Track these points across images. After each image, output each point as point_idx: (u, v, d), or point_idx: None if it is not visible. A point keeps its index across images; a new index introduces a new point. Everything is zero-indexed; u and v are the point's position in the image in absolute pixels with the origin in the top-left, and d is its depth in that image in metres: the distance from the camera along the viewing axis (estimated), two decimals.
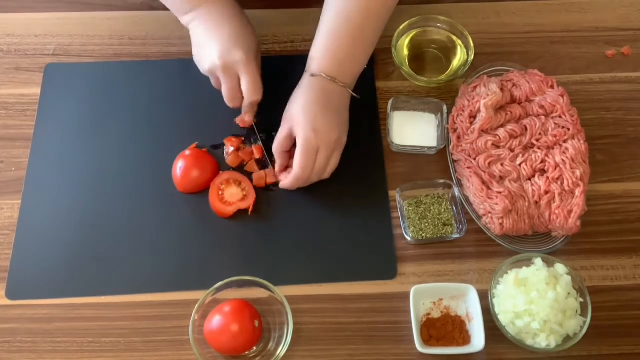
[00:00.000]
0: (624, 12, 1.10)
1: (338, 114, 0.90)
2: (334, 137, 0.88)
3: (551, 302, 0.80)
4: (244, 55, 0.88)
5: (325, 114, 0.88)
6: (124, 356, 0.84)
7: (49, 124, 0.99)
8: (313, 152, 0.87)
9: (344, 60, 0.89)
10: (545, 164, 0.90)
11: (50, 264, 0.89)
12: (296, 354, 0.84)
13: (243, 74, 0.89)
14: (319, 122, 0.87)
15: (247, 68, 0.88)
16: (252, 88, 0.89)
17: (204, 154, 0.95)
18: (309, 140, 0.86)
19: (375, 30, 0.91)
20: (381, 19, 0.91)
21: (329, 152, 0.88)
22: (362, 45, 0.90)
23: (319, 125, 0.87)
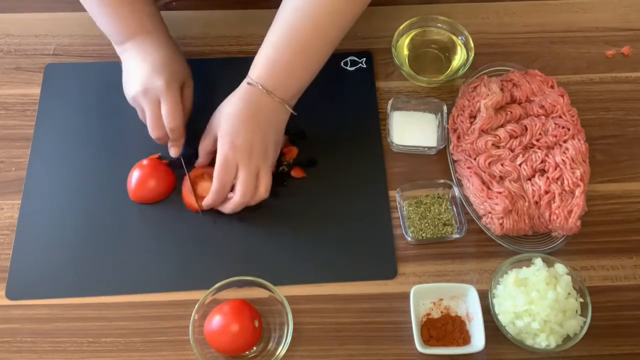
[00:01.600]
0: (624, 12, 1.10)
1: (266, 130, 0.86)
2: (254, 155, 0.85)
3: (551, 302, 0.80)
4: (164, 81, 0.86)
5: (250, 130, 0.85)
6: (123, 356, 0.84)
7: (49, 124, 0.99)
8: (231, 167, 0.85)
9: (283, 74, 0.86)
10: (545, 164, 0.90)
11: (50, 264, 0.89)
12: (296, 354, 0.84)
13: (163, 99, 0.87)
14: (241, 137, 0.84)
15: (167, 93, 0.86)
16: (171, 113, 0.87)
17: (160, 164, 0.94)
18: (226, 156, 0.85)
19: (322, 48, 0.87)
20: (328, 39, 0.87)
21: (251, 170, 0.85)
22: (305, 61, 0.86)
23: (239, 141, 0.84)
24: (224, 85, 0.92)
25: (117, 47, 0.93)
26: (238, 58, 1.04)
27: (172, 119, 0.87)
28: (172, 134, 0.89)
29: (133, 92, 0.89)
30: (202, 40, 1.06)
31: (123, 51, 0.92)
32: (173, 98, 0.87)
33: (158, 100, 0.88)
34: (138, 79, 0.88)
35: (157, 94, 0.87)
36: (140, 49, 0.90)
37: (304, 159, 0.96)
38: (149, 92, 0.87)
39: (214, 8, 1.10)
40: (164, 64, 0.89)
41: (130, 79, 0.90)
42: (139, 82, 0.88)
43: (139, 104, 0.89)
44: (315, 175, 0.95)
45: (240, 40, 1.06)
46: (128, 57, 0.92)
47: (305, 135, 0.97)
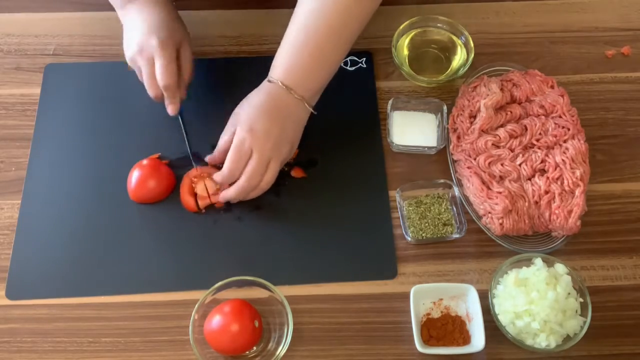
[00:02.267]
0: (624, 12, 1.10)
1: (284, 124, 0.88)
2: (269, 144, 0.86)
3: (551, 302, 0.80)
4: (159, 40, 0.88)
5: (269, 119, 0.86)
6: (123, 356, 0.84)
7: (49, 124, 0.99)
8: (244, 153, 0.86)
9: (300, 74, 0.87)
10: (545, 164, 0.90)
11: (50, 264, 0.89)
12: (296, 354, 0.84)
13: (156, 58, 0.89)
14: (259, 125, 0.85)
15: (161, 52, 0.88)
16: (163, 70, 0.88)
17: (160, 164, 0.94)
18: (242, 139, 0.85)
19: (337, 49, 0.89)
20: (343, 39, 0.88)
21: (263, 157, 0.86)
22: (321, 62, 0.88)
23: (257, 128, 0.85)
24: (225, 85, 0.93)
25: (119, 10, 0.95)
26: (238, 58, 1.04)
27: (164, 76, 0.88)
28: (166, 92, 0.90)
29: (130, 53, 0.91)
30: (202, 40, 1.06)
31: (124, 14, 0.94)
32: (166, 56, 0.88)
33: (153, 59, 0.89)
34: (135, 39, 0.90)
35: (152, 53, 0.89)
36: (139, 11, 0.92)
37: (304, 159, 0.96)
38: (144, 51, 0.89)
39: (214, 8, 1.10)
40: (160, 24, 0.91)
41: (129, 40, 0.92)
42: (135, 42, 0.90)
43: (136, 63, 0.91)
44: (315, 175, 0.95)
45: (240, 40, 1.06)
46: (128, 19, 0.93)
47: (306, 135, 0.97)
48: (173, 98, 0.92)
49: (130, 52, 0.91)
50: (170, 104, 0.92)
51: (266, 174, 0.88)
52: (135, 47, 0.90)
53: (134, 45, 0.90)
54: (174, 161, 0.96)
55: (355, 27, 0.89)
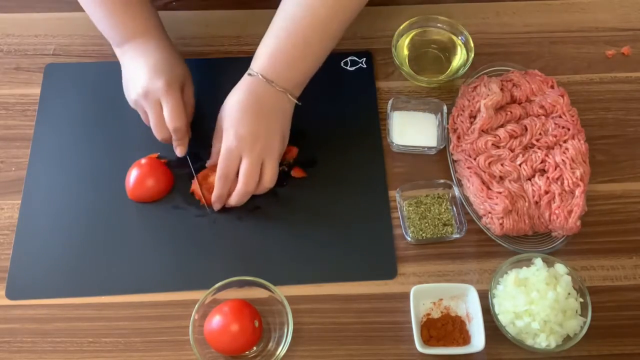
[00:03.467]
0: (624, 12, 1.10)
1: (270, 120, 0.87)
2: (259, 144, 0.85)
3: (551, 302, 0.80)
4: (164, 82, 0.87)
5: (253, 119, 0.85)
6: (123, 356, 0.84)
7: (49, 124, 0.99)
8: (234, 158, 0.85)
9: (283, 64, 0.86)
10: (545, 164, 0.90)
11: (50, 264, 0.89)
12: (296, 354, 0.84)
13: (164, 101, 0.87)
14: (244, 127, 0.85)
15: (167, 95, 0.87)
16: (172, 113, 0.87)
17: (158, 163, 0.94)
18: (229, 146, 0.85)
19: (322, 41, 0.87)
20: (329, 31, 0.87)
21: (254, 160, 0.86)
22: (305, 52, 0.87)
23: (243, 131, 0.85)
24: (225, 85, 0.92)
25: (116, 49, 0.94)
26: (238, 58, 1.04)
27: (174, 120, 0.88)
28: (176, 134, 0.89)
29: (134, 96, 0.89)
30: (202, 40, 1.06)
31: (122, 53, 0.93)
32: (174, 99, 0.88)
33: (160, 102, 0.88)
34: (138, 82, 0.88)
35: (158, 96, 0.88)
36: (139, 51, 0.91)
37: (304, 158, 0.96)
38: (150, 95, 0.88)
39: (214, 8, 1.10)
40: (163, 66, 0.89)
41: (131, 82, 0.90)
42: (139, 85, 0.88)
43: (141, 106, 0.90)
44: (315, 175, 0.95)
45: (240, 40, 1.06)
46: (127, 59, 0.92)
47: (306, 135, 0.97)
48: (183, 139, 0.91)
49: (134, 95, 0.89)
50: (179, 145, 0.91)
51: (264, 172, 0.88)
52: (140, 90, 0.88)
53: (139, 88, 0.88)
54: (173, 161, 0.96)
55: (343, 18, 0.87)
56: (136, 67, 0.90)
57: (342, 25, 0.88)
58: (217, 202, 0.90)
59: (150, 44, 0.91)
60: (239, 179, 0.87)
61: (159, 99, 0.88)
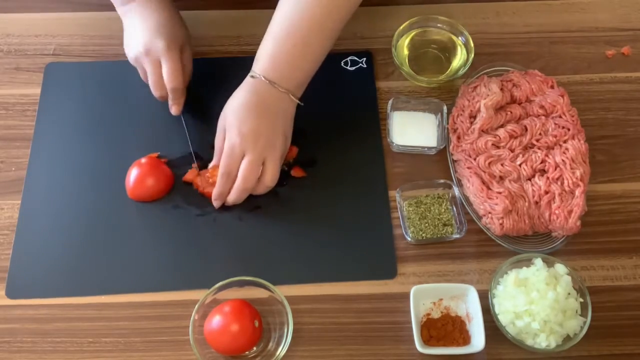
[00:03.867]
0: (624, 12, 1.10)
1: (273, 119, 0.88)
2: (260, 143, 0.86)
3: (551, 302, 0.80)
4: (164, 42, 0.90)
5: (256, 118, 0.86)
6: (123, 356, 0.84)
7: (50, 124, 0.99)
8: (237, 156, 0.87)
9: (284, 65, 0.87)
10: (545, 164, 0.90)
11: (50, 264, 0.89)
12: (296, 354, 0.84)
13: (164, 61, 0.90)
14: (247, 125, 0.86)
15: (167, 54, 0.90)
16: (171, 73, 0.90)
17: (159, 162, 0.94)
18: (232, 143, 0.86)
19: (321, 39, 0.88)
20: (327, 30, 0.88)
21: (255, 157, 0.86)
22: (305, 53, 0.88)
23: (246, 129, 0.86)
24: (225, 85, 0.92)
25: (120, 7, 0.95)
26: (238, 58, 1.04)
27: (173, 80, 0.90)
28: (173, 94, 0.92)
29: (135, 52, 0.92)
30: (202, 40, 1.06)
31: (125, 12, 0.94)
32: (174, 59, 0.90)
33: (159, 61, 0.91)
34: (139, 39, 0.91)
35: (158, 55, 0.90)
36: (142, 10, 0.93)
37: (304, 158, 0.96)
38: (150, 53, 0.90)
39: (214, 8, 1.10)
40: (164, 26, 0.92)
41: (132, 39, 0.92)
42: (140, 43, 0.90)
43: (140, 63, 0.92)
44: (315, 174, 0.95)
45: (240, 40, 1.06)
46: (130, 17, 0.94)
47: (306, 134, 0.97)
48: (179, 99, 0.93)
49: (135, 52, 0.91)
50: (175, 104, 0.94)
51: (266, 171, 0.88)
52: (141, 48, 0.90)
53: (139, 46, 0.90)
54: (173, 160, 0.96)
55: (340, 16, 0.88)
56: (138, 25, 0.92)
57: (338, 24, 0.89)
58: (218, 200, 0.90)
59: (152, 4, 0.93)
60: (238, 175, 0.88)
61: (158, 58, 0.90)
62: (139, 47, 0.90)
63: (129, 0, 0.94)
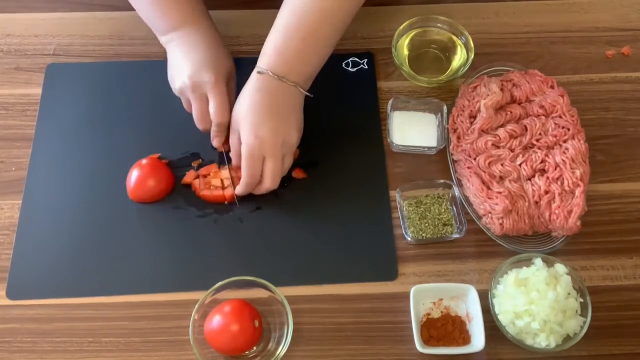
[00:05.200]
0: (624, 12, 1.10)
1: (286, 115, 0.87)
2: (279, 142, 0.86)
3: (551, 302, 0.80)
4: (212, 76, 0.88)
5: (270, 118, 0.86)
6: (123, 356, 0.84)
7: (50, 124, 0.99)
8: (257, 159, 0.86)
9: (293, 58, 0.86)
10: (545, 164, 0.90)
11: (50, 264, 0.89)
12: (296, 354, 0.84)
13: (211, 95, 0.88)
14: (263, 128, 0.85)
15: (215, 89, 0.88)
16: (218, 109, 0.88)
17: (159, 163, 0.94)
18: (251, 149, 0.85)
19: (330, 32, 0.88)
20: (337, 22, 0.87)
21: (277, 160, 0.87)
22: (314, 45, 0.87)
23: (263, 132, 0.85)
24: None
25: (161, 37, 0.93)
26: (238, 58, 1.04)
27: (219, 115, 0.88)
28: (218, 128, 0.90)
29: (180, 85, 0.89)
30: None
31: (168, 41, 0.92)
32: (221, 94, 0.88)
33: (205, 95, 0.89)
34: (186, 72, 0.89)
35: (205, 89, 0.88)
36: (187, 40, 0.91)
37: (305, 159, 0.96)
38: (197, 87, 0.88)
39: (214, 8, 1.09)
40: (211, 58, 0.90)
41: (177, 70, 0.90)
42: (187, 75, 0.88)
43: (186, 96, 0.91)
44: (315, 175, 0.95)
45: (240, 40, 1.06)
46: (173, 46, 0.92)
47: (307, 136, 0.97)
48: (222, 132, 0.91)
49: (180, 84, 0.89)
50: (217, 137, 0.92)
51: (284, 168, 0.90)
52: (187, 81, 0.88)
53: (185, 78, 0.88)
54: (174, 161, 0.96)
55: (349, 8, 0.88)
56: (184, 56, 0.90)
57: (349, 15, 0.88)
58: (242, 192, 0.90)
59: (198, 34, 0.91)
60: (264, 178, 0.88)
61: (205, 92, 0.88)
62: (185, 79, 0.88)
63: (171, 30, 0.91)
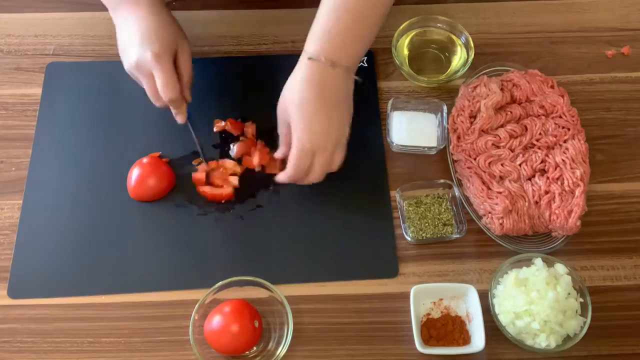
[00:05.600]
0: (624, 12, 1.10)
1: (338, 108, 0.85)
2: (332, 139, 0.84)
3: (551, 302, 0.80)
4: (153, 53, 0.85)
5: (324, 111, 0.83)
6: (123, 356, 0.84)
7: (51, 123, 0.99)
8: (307, 156, 0.84)
9: (343, 40, 0.83)
10: (545, 164, 0.90)
11: (51, 264, 0.89)
12: (296, 354, 0.84)
13: (155, 73, 0.86)
14: (316, 125, 0.83)
15: (158, 66, 0.86)
16: (165, 86, 0.86)
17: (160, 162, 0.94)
18: (303, 145, 0.83)
19: (378, 11, 0.85)
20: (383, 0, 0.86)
21: (327, 156, 0.85)
22: (364, 25, 0.85)
23: (315, 128, 0.83)
24: (225, 85, 0.92)
25: (111, 11, 0.92)
26: (238, 58, 1.04)
27: (167, 91, 0.87)
28: (172, 104, 0.89)
29: (127, 67, 0.89)
30: (202, 40, 1.06)
31: (116, 18, 0.91)
32: (165, 70, 0.86)
33: (151, 73, 0.87)
34: (130, 52, 0.87)
35: (149, 67, 0.86)
36: (130, 15, 0.89)
37: None
38: (141, 66, 0.87)
39: (214, 8, 1.10)
40: (152, 33, 0.87)
41: (124, 51, 0.89)
42: (131, 55, 0.87)
43: (135, 76, 0.90)
44: None
45: (240, 40, 1.06)
46: (119, 24, 0.90)
47: None
48: (179, 108, 0.91)
49: (127, 65, 0.88)
50: (178, 114, 0.91)
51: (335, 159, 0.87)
52: (132, 61, 0.87)
53: (130, 60, 0.87)
54: (175, 160, 0.96)
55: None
56: (127, 34, 0.89)
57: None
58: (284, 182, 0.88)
59: (141, 7, 0.89)
60: (312, 172, 0.86)
61: (150, 70, 0.87)
62: (130, 60, 0.87)
63: (118, 4, 0.90)
